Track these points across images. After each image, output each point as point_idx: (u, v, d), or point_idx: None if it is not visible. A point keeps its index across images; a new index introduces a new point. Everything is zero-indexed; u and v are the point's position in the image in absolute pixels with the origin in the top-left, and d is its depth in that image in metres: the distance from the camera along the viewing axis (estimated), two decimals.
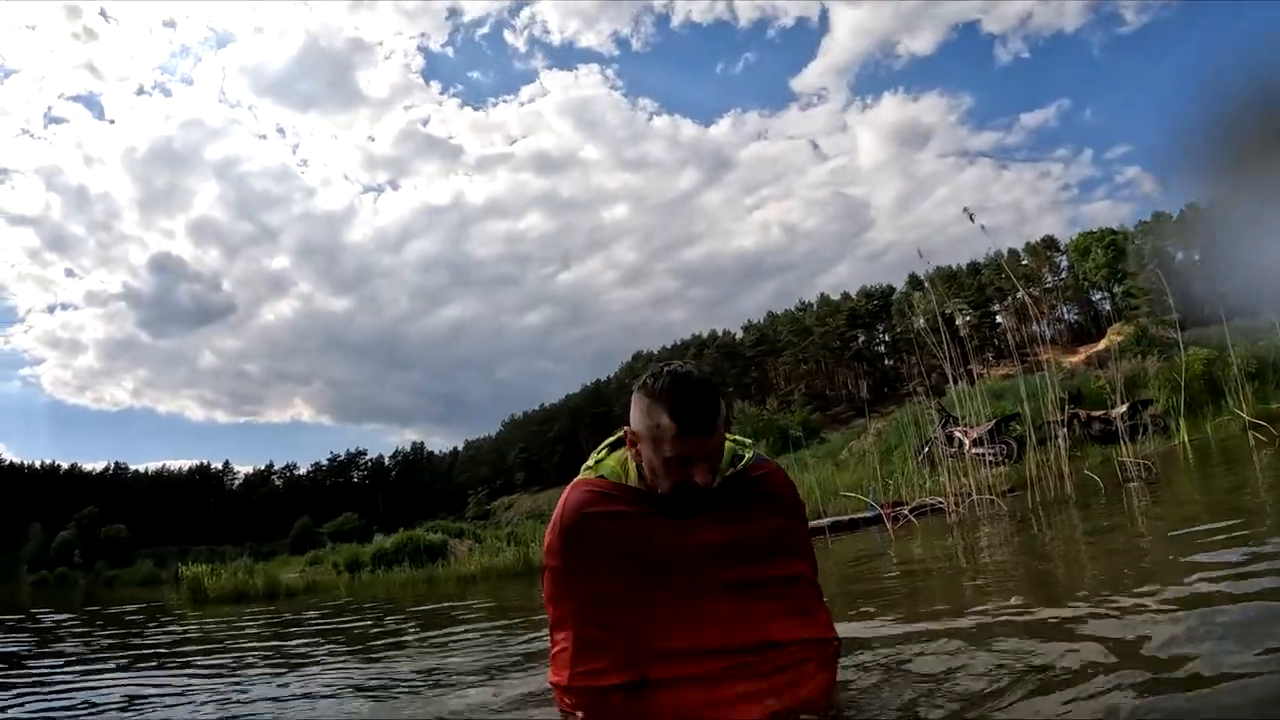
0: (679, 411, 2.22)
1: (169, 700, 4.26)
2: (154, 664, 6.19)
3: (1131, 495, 7.97)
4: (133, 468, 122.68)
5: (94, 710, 4.05)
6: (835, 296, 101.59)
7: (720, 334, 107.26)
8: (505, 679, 3.66)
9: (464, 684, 3.71)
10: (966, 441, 13.90)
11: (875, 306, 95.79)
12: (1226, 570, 3.34)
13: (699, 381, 2.29)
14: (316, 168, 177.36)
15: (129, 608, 15.62)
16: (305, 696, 3.90)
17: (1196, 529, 5.10)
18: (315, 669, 5.04)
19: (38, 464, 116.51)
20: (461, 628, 6.57)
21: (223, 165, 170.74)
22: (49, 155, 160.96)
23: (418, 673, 4.26)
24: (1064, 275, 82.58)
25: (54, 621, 12.61)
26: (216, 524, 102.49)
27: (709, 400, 2.26)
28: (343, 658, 5.66)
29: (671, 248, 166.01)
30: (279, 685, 4.41)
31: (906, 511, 10.23)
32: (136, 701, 4.22)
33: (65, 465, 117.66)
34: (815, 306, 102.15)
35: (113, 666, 6.20)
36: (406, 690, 3.85)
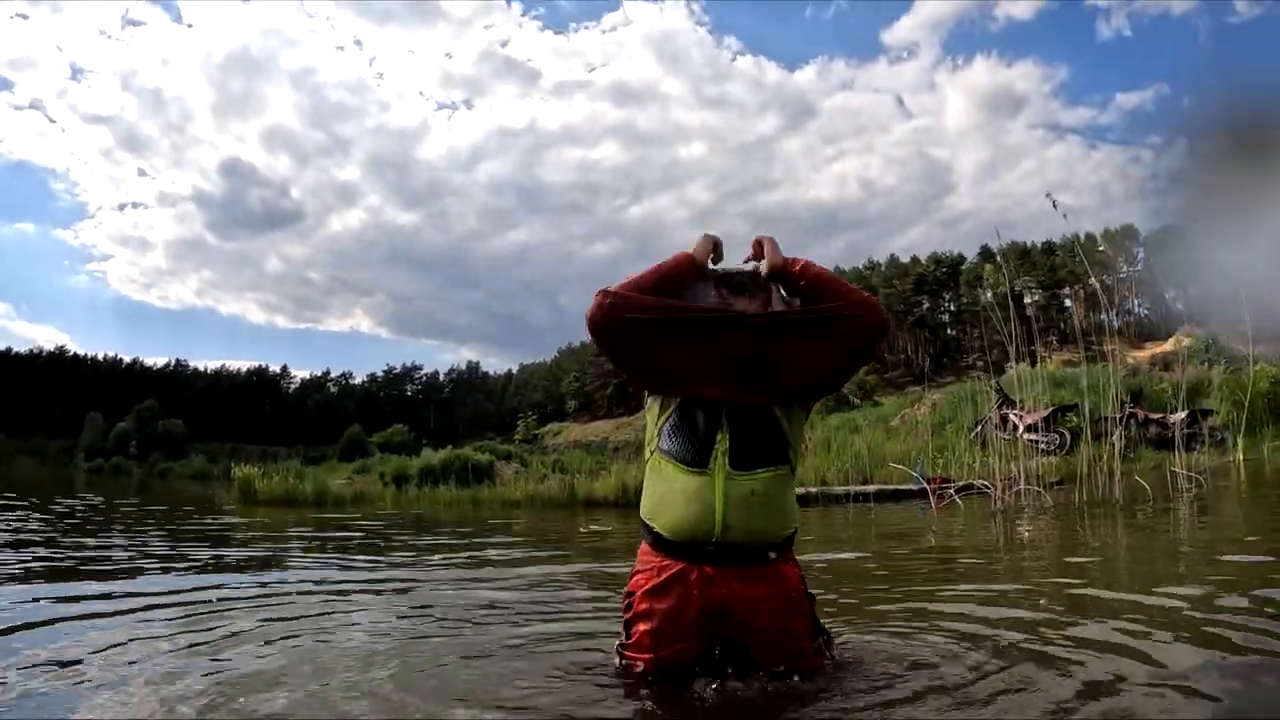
0: (725, 278, 2.88)
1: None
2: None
3: (1179, 510, 7.88)
4: (193, 365, 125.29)
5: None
6: (905, 259, 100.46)
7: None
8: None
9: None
10: (1021, 426, 13.82)
11: (944, 274, 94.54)
12: (1258, 610, 3.35)
13: (744, 271, 2.91)
14: (392, 82, 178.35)
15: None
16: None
17: (1237, 559, 5.10)
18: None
19: (101, 357, 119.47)
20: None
21: (299, 74, 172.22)
22: (126, 57, 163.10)
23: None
24: (1140, 267, 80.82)
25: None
26: (270, 425, 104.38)
27: (747, 278, 2.86)
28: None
29: (746, 191, 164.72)
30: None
31: (952, 491, 10.24)
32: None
33: (127, 359, 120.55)
34: (883, 267, 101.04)
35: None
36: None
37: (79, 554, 7.17)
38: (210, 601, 4.47)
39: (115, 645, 3.39)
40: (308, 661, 3.06)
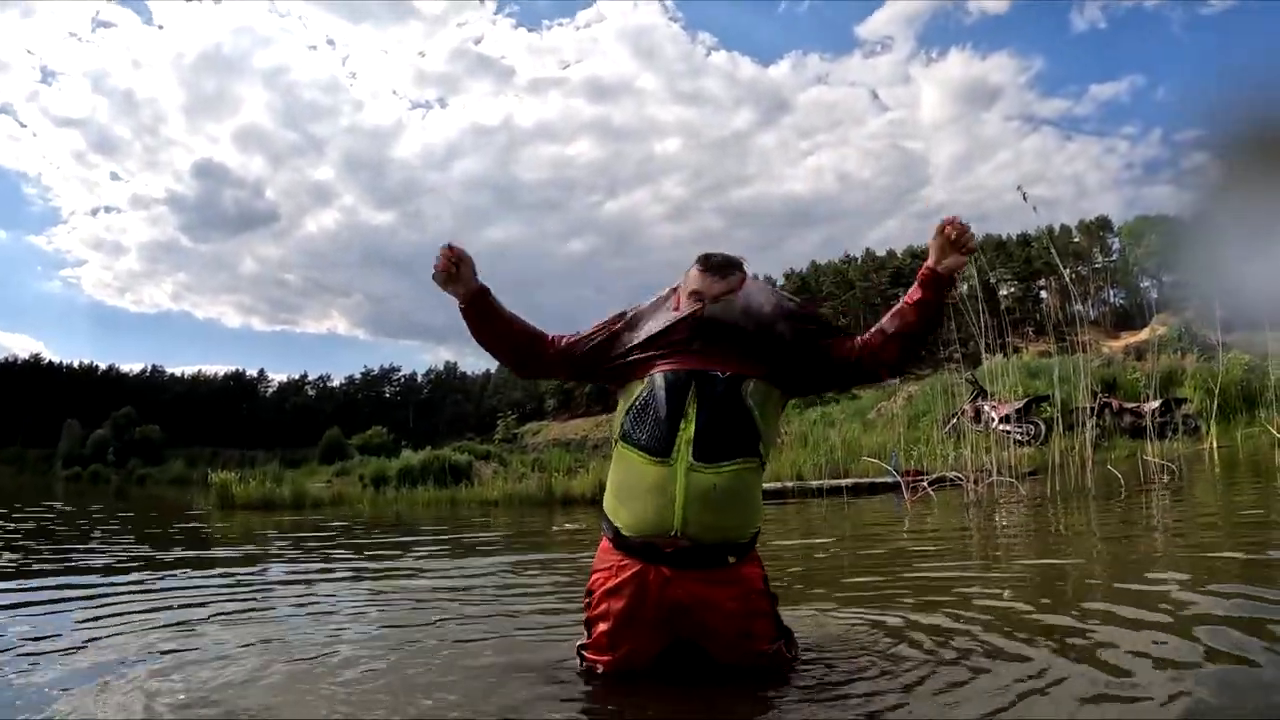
0: (704, 258, 2.86)
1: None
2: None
3: (1151, 499, 7.91)
4: (169, 370, 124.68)
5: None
6: (881, 252, 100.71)
7: (761, 279, 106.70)
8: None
9: None
10: (995, 417, 13.87)
11: (920, 267, 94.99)
12: (1229, 593, 3.37)
13: (727, 254, 2.90)
14: (366, 81, 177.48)
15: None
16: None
17: (1210, 546, 5.15)
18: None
19: (76, 364, 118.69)
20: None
21: (271, 74, 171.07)
22: (97, 59, 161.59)
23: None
24: (1114, 258, 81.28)
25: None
26: (248, 429, 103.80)
27: (729, 258, 2.88)
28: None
29: (721, 186, 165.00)
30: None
31: (926, 483, 10.27)
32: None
33: (103, 366, 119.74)
34: (860, 260, 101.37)
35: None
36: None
37: (54, 559, 7.14)
38: (172, 607, 4.46)
39: (89, 644, 3.41)
40: (276, 663, 3.06)
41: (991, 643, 2.91)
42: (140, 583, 5.59)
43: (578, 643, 2.79)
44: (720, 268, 2.82)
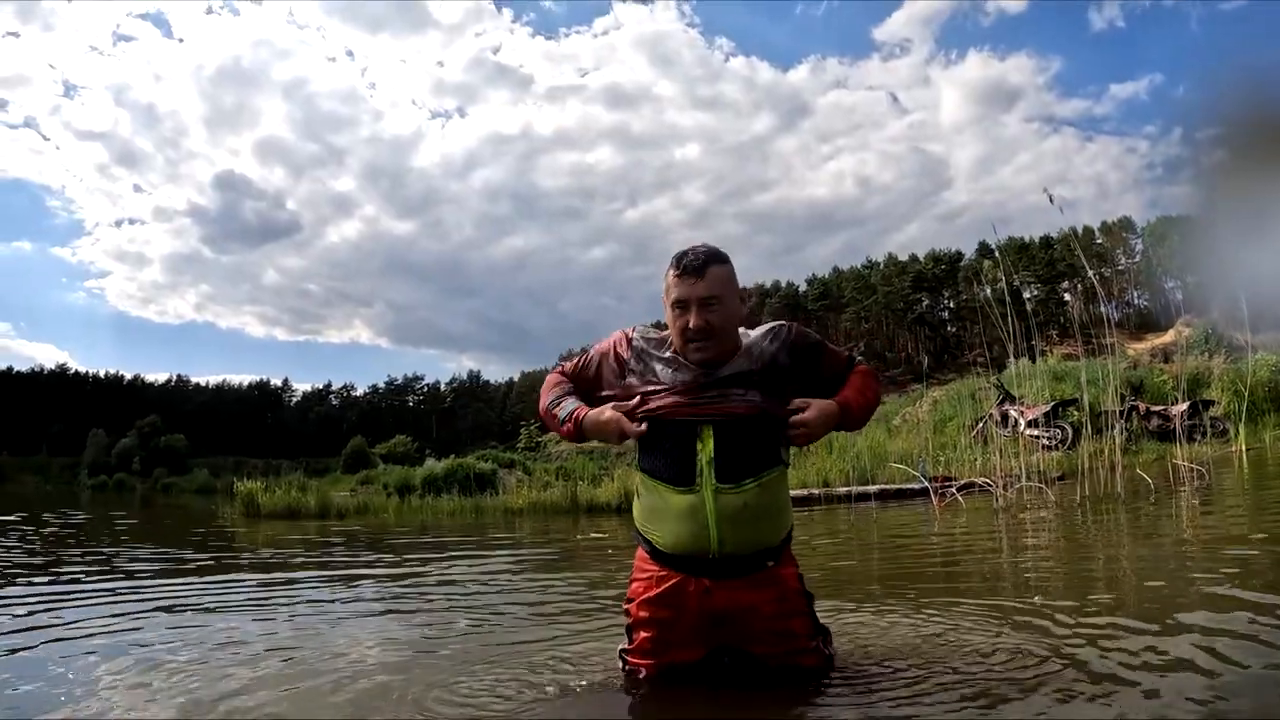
0: (678, 259, 2.66)
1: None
2: None
3: (1181, 502, 7.84)
4: (193, 380, 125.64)
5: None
6: (903, 257, 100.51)
7: (784, 285, 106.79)
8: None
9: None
10: (1022, 421, 13.78)
11: (942, 271, 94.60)
12: (1260, 594, 3.34)
13: (702, 246, 2.69)
14: (385, 91, 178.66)
15: None
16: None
17: (1240, 547, 5.10)
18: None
19: (101, 374, 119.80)
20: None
21: (291, 86, 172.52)
22: (118, 72, 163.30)
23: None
24: (1138, 259, 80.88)
25: None
26: (272, 438, 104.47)
27: (705, 253, 2.65)
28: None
29: (741, 192, 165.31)
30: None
31: (954, 489, 10.20)
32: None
33: (128, 376, 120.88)
34: (882, 265, 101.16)
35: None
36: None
37: (78, 562, 7.21)
38: (195, 609, 4.48)
39: (102, 644, 3.46)
40: (299, 665, 3.07)
41: (1024, 644, 2.91)
42: (160, 586, 5.65)
43: (619, 646, 2.79)
44: (696, 269, 2.61)
